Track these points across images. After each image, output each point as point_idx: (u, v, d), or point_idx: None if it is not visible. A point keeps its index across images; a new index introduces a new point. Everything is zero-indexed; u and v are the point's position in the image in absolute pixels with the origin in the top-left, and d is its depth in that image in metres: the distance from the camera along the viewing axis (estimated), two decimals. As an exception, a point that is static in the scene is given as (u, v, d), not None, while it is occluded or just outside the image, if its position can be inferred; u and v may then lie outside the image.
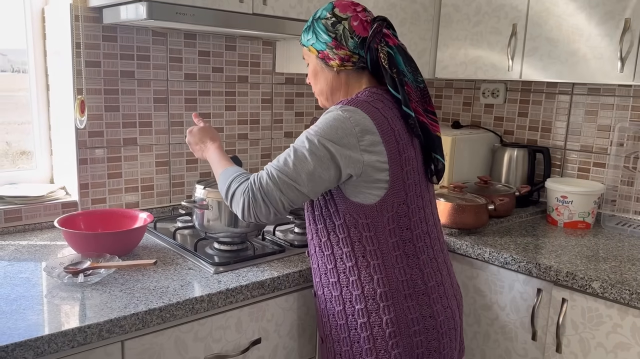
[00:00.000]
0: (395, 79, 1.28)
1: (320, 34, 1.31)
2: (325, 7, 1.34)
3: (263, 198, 1.22)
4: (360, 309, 1.27)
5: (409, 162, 1.28)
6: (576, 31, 1.87)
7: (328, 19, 1.31)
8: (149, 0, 1.48)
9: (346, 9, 1.32)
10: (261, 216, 1.24)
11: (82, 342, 1.14)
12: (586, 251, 1.78)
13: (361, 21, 1.31)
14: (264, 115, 2.26)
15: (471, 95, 2.63)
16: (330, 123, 1.22)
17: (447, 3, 2.24)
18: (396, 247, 1.27)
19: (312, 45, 1.34)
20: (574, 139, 2.29)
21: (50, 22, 1.83)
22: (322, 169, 1.20)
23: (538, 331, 1.67)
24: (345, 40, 1.30)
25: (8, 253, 1.56)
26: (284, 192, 1.21)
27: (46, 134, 1.92)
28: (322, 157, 1.20)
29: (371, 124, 1.22)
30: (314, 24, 1.33)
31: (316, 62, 1.37)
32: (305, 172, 1.20)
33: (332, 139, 1.20)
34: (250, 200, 1.23)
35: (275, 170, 1.23)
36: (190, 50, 2.01)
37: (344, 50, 1.30)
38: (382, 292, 1.26)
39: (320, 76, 1.38)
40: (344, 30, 1.30)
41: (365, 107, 1.24)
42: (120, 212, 1.74)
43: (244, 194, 1.24)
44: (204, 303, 1.32)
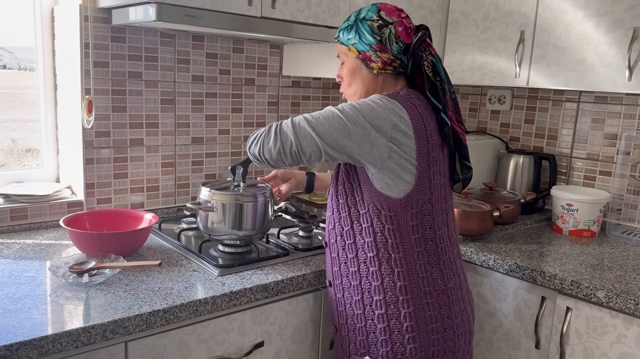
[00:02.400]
0: (437, 86, 1.31)
1: (364, 34, 1.33)
2: (369, 8, 1.35)
3: (277, 132, 1.28)
4: (379, 300, 1.29)
5: (437, 163, 1.30)
6: (584, 39, 1.87)
7: (374, 20, 1.32)
8: (159, 2, 1.49)
9: (392, 13, 1.34)
10: (266, 145, 1.30)
11: (86, 342, 1.14)
12: (591, 260, 1.78)
13: (405, 27, 1.33)
14: (270, 118, 2.26)
15: (477, 101, 2.62)
16: (369, 104, 1.26)
17: (455, 9, 2.24)
18: (418, 244, 1.29)
19: (353, 45, 1.35)
20: (580, 147, 2.29)
21: (60, 22, 1.84)
22: (344, 135, 1.23)
23: (542, 339, 1.67)
24: (390, 44, 1.32)
25: (13, 252, 1.57)
26: (298, 135, 1.26)
27: (53, 133, 1.93)
28: (349, 124, 1.23)
29: (407, 116, 1.25)
30: (358, 23, 1.34)
31: (355, 62, 1.37)
32: (327, 128, 1.24)
33: (365, 116, 1.24)
34: (264, 132, 1.31)
35: (301, 117, 1.28)
36: (198, 52, 2.01)
37: (388, 54, 1.32)
38: (402, 285, 1.27)
39: (358, 76, 1.39)
40: (389, 34, 1.31)
41: (404, 101, 1.28)
42: (125, 212, 1.74)
43: (266, 127, 1.32)
44: (208, 305, 1.32)
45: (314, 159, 1.27)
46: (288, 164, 1.31)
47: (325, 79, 2.39)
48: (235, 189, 1.62)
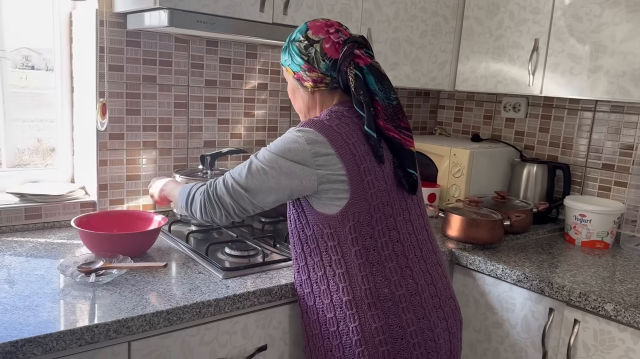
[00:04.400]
0: (361, 100, 1.31)
1: (294, 56, 1.36)
2: (300, 28, 1.37)
3: (216, 201, 1.33)
4: (331, 318, 1.32)
5: (370, 172, 1.29)
6: (599, 48, 1.85)
7: (301, 41, 1.35)
8: (171, 8, 1.51)
9: (319, 31, 1.35)
10: (215, 217, 1.35)
11: (90, 341, 1.17)
12: (602, 272, 1.75)
13: (333, 43, 1.33)
14: (282, 122, 2.28)
15: (492, 108, 2.61)
16: (285, 142, 1.29)
17: (470, 16, 2.23)
18: (359, 256, 1.28)
19: (288, 66, 1.39)
20: (595, 157, 2.26)
21: (77, 26, 1.88)
22: (273, 182, 1.28)
23: (549, 351, 1.65)
24: (317, 63, 1.33)
25: (26, 250, 1.60)
26: (234, 198, 1.31)
27: (69, 134, 1.97)
28: (274, 171, 1.28)
29: (324, 140, 1.27)
30: (289, 45, 1.38)
31: (293, 82, 1.42)
32: (256, 183, 1.29)
33: (285, 155, 1.27)
34: (206, 201, 1.34)
35: (231, 178, 1.32)
36: (212, 57, 2.04)
37: (316, 72, 1.35)
38: (347, 300, 1.29)
39: (297, 95, 1.44)
40: (315, 53, 1.33)
41: (318, 126, 1.29)
42: (135, 214, 1.77)
43: (201, 195, 1.36)
44: (211, 307, 1.34)
45: (259, 210, 1.34)
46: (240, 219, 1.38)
47: (339, 85, 2.40)
48: (204, 175, 1.86)
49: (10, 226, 1.75)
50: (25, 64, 1.98)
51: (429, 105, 2.81)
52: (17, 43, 1.92)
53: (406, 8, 2.06)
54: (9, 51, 1.88)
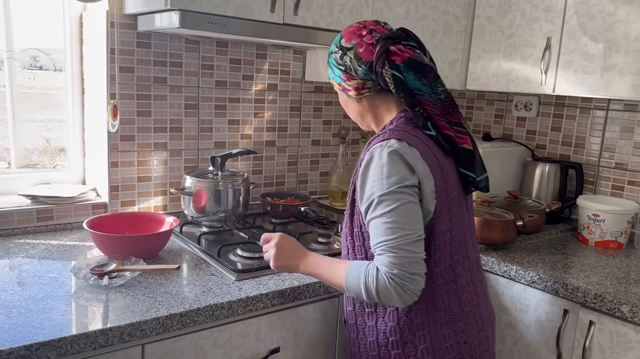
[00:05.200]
0: (403, 102, 1.24)
1: (333, 68, 1.32)
2: (335, 39, 1.34)
3: (408, 273, 1.14)
4: (395, 341, 1.24)
5: (454, 188, 1.24)
6: (613, 46, 1.83)
7: (336, 52, 1.31)
8: (182, 10, 1.51)
9: (351, 37, 1.29)
10: (418, 287, 1.15)
11: (104, 344, 1.17)
12: (617, 273, 1.73)
13: (367, 46, 1.26)
14: (292, 122, 2.27)
15: (503, 107, 2.59)
16: (388, 166, 1.17)
17: (481, 14, 2.21)
18: (438, 276, 1.22)
19: (332, 79, 1.35)
20: (608, 156, 2.23)
21: (88, 27, 1.88)
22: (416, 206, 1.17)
23: (563, 353, 1.63)
24: (354, 70, 1.28)
25: (38, 252, 1.61)
26: (417, 251, 1.15)
27: (80, 135, 1.98)
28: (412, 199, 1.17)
29: (417, 153, 1.19)
30: (329, 59, 1.34)
31: (340, 94, 1.38)
32: (412, 221, 1.16)
33: (397, 180, 1.16)
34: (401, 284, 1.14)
35: (393, 244, 1.15)
36: (222, 58, 2.03)
37: (355, 80, 1.29)
38: (419, 322, 1.22)
39: (348, 105, 1.38)
40: (350, 60, 1.28)
41: (407, 137, 1.20)
42: (147, 215, 1.77)
43: (391, 285, 1.14)
44: (224, 309, 1.33)
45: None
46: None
47: (348, 85, 2.39)
48: (214, 177, 1.88)
49: (22, 228, 1.75)
50: (34, 64, 1.98)
51: (439, 104, 2.79)
52: (25, 44, 1.93)
53: (417, 7, 2.04)
54: (17, 52, 1.88)
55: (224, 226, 1.87)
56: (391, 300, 1.15)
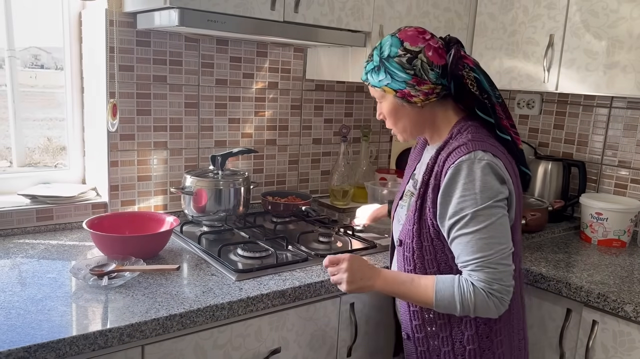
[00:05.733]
0: (487, 104, 1.24)
1: (396, 73, 1.24)
2: (391, 42, 1.26)
3: (505, 286, 1.17)
4: (473, 349, 1.25)
5: (520, 194, 1.27)
6: (616, 43, 1.81)
7: (401, 55, 1.23)
8: (181, 8, 1.50)
9: (416, 40, 1.24)
10: (510, 296, 1.19)
11: (103, 345, 1.16)
12: (620, 271, 1.72)
13: (435, 49, 1.23)
14: (292, 121, 2.26)
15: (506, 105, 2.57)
16: (476, 182, 1.16)
17: (483, 12, 2.19)
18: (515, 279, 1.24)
19: (386, 86, 1.26)
20: (611, 154, 2.22)
21: (87, 26, 1.87)
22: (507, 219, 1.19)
23: (566, 353, 1.62)
24: (426, 74, 1.22)
25: (38, 252, 1.60)
26: (509, 263, 1.18)
27: (80, 135, 1.96)
28: (503, 212, 1.18)
29: (502, 164, 1.19)
30: (385, 63, 1.25)
31: (395, 101, 1.29)
32: (505, 235, 1.18)
33: (491, 195, 1.16)
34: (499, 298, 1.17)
35: (490, 259, 1.16)
36: (222, 56, 2.02)
37: (427, 84, 1.23)
38: (498, 328, 1.25)
39: (401, 114, 1.30)
40: (422, 64, 1.22)
41: (490, 148, 1.20)
42: (147, 215, 1.76)
43: (490, 300, 1.16)
44: (225, 310, 1.32)
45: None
46: None
47: (349, 83, 2.38)
48: (215, 176, 1.87)
49: (21, 228, 1.74)
50: (35, 63, 1.98)
51: (441, 102, 2.78)
52: (27, 42, 1.92)
53: (418, 4, 2.02)
54: (18, 50, 1.87)
55: (224, 225, 1.86)
56: (487, 313, 1.19)
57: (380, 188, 2.14)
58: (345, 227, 1.90)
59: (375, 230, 1.93)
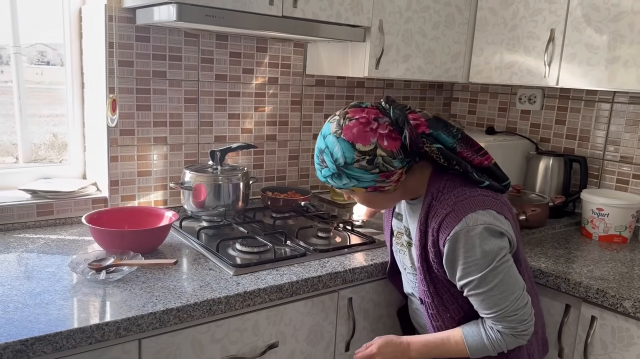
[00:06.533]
0: (459, 169, 1.24)
1: (360, 176, 1.22)
2: (342, 147, 1.20)
3: (528, 323, 1.25)
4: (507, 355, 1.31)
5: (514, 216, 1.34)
6: (617, 38, 1.80)
7: (359, 160, 1.20)
8: (179, 2, 1.50)
9: (366, 137, 1.19)
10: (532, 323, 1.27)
11: (100, 339, 1.16)
12: (620, 267, 1.71)
13: (387, 136, 1.20)
14: (293, 117, 2.26)
15: (507, 100, 2.56)
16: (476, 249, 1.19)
17: (484, 6, 2.18)
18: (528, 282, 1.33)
19: (353, 187, 1.25)
20: (613, 149, 2.20)
21: (87, 21, 1.87)
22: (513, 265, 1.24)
23: (565, 348, 1.62)
24: (390, 165, 1.21)
25: (38, 246, 1.61)
26: (527, 302, 1.24)
27: (80, 130, 1.97)
28: (508, 263, 1.22)
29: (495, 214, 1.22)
30: (344, 170, 1.22)
31: (367, 194, 1.28)
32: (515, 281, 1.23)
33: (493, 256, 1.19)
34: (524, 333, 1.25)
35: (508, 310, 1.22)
36: (222, 52, 2.02)
37: (395, 173, 1.22)
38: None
39: (377, 200, 1.32)
40: (383, 159, 1.20)
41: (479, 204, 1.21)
42: (146, 210, 1.77)
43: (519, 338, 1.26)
44: (222, 304, 1.33)
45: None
46: None
47: (350, 78, 2.38)
48: (214, 171, 1.86)
49: (22, 223, 1.75)
50: (41, 59, 1.98)
51: (442, 97, 2.77)
52: (33, 39, 1.92)
53: None
54: (24, 47, 1.88)
55: (223, 220, 1.87)
56: (519, 345, 1.28)
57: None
58: (344, 223, 1.89)
59: (374, 225, 1.93)
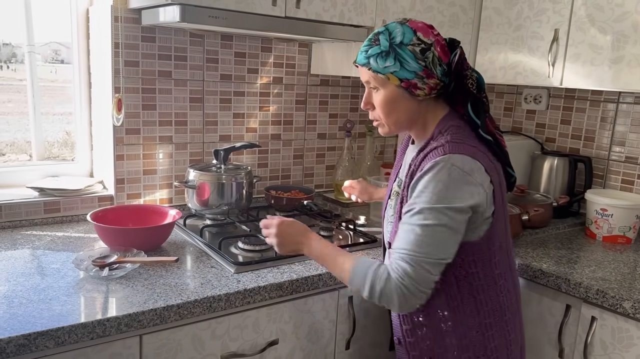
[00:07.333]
0: (485, 103, 1.25)
1: (407, 61, 1.19)
2: (403, 30, 1.21)
3: (418, 288, 1.14)
4: (465, 344, 1.26)
5: (504, 189, 1.27)
6: (621, 38, 1.79)
7: (415, 44, 1.19)
8: (182, 4, 1.52)
9: (428, 33, 1.21)
10: (420, 302, 1.17)
11: (101, 334, 1.19)
12: (623, 268, 1.71)
13: (442, 46, 1.22)
14: (297, 116, 2.27)
15: (513, 100, 2.56)
16: (448, 183, 1.15)
17: (488, 6, 2.18)
18: (500, 277, 1.26)
19: (392, 73, 1.20)
20: (618, 150, 2.19)
21: (94, 22, 1.90)
22: (459, 232, 1.17)
23: (565, 348, 1.62)
24: (434, 68, 1.20)
25: (44, 243, 1.64)
26: (433, 272, 1.15)
27: (87, 129, 2.00)
28: (455, 222, 1.15)
29: (479, 165, 1.17)
30: (397, 49, 1.19)
31: (395, 91, 1.23)
32: (444, 243, 1.16)
33: (455, 203, 1.14)
34: (406, 295, 1.15)
35: (414, 254, 1.15)
36: (227, 52, 2.04)
37: (434, 79, 1.21)
38: (488, 323, 1.25)
39: (399, 106, 1.25)
40: (433, 57, 1.20)
41: (467, 149, 1.18)
42: (151, 208, 1.79)
43: (396, 292, 1.15)
44: (222, 301, 1.35)
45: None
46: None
47: (354, 78, 2.38)
48: (218, 170, 1.89)
49: (29, 220, 1.78)
50: (55, 58, 2.02)
51: (448, 97, 2.77)
52: (47, 38, 1.96)
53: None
54: (39, 45, 1.91)
55: (227, 218, 1.89)
56: (389, 305, 1.17)
57: (383, 183, 2.15)
58: (347, 222, 1.91)
59: (377, 224, 1.94)
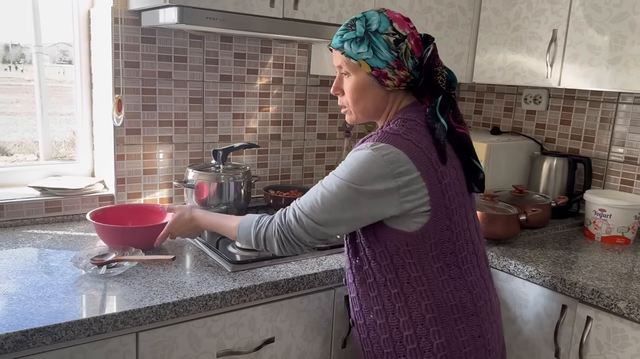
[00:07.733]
0: (453, 100, 1.25)
1: (380, 50, 1.20)
2: (379, 19, 1.22)
3: (294, 240, 1.24)
4: (409, 335, 1.23)
5: (451, 187, 1.22)
6: (619, 38, 1.79)
7: (390, 34, 1.20)
8: (180, 5, 1.53)
9: (403, 25, 1.22)
10: (296, 251, 1.28)
11: (98, 331, 1.21)
12: (620, 269, 1.71)
13: (416, 40, 1.23)
14: (297, 116, 2.29)
15: (513, 100, 2.56)
16: (360, 165, 1.17)
17: (487, 7, 2.19)
18: (442, 272, 1.22)
19: (365, 60, 1.22)
20: (618, 150, 2.19)
21: (95, 23, 1.92)
22: (351, 214, 1.18)
23: (561, 348, 1.62)
24: (406, 60, 1.21)
25: (45, 242, 1.66)
26: (311, 234, 1.22)
27: (89, 129, 2.03)
28: (350, 203, 1.17)
29: (406, 158, 1.16)
30: (372, 37, 1.21)
31: (365, 79, 1.24)
32: (333, 217, 1.19)
33: (362, 183, 1.16)
34: (284, 242, 1.25)
35: (303, 214, 1.22)
36: (226, 53, 2.06)
37: (405, 71, 1.22)
38: (431, 317, 1.22)
39: (368, 94, 1.26)
40: (406, 49, 1.21)
41: (397, 141, 1.17)
42: (150, 207, 1.81)
43: (274, 236, 1.26)
44: (217, 300, 1.36)
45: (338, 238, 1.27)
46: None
47: (355, 78, 2.39)
48: (217, 170, 1.92)
49: (31, 219, 1.81)
50: (63, 58, 2.04)
51: (449, 97, 2.77)
52: (55, 38, 1.99)
53: (420, 0, 2.03)
54: (47, 46, 1.94)
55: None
56: (271, 248, 1.29)
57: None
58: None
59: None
